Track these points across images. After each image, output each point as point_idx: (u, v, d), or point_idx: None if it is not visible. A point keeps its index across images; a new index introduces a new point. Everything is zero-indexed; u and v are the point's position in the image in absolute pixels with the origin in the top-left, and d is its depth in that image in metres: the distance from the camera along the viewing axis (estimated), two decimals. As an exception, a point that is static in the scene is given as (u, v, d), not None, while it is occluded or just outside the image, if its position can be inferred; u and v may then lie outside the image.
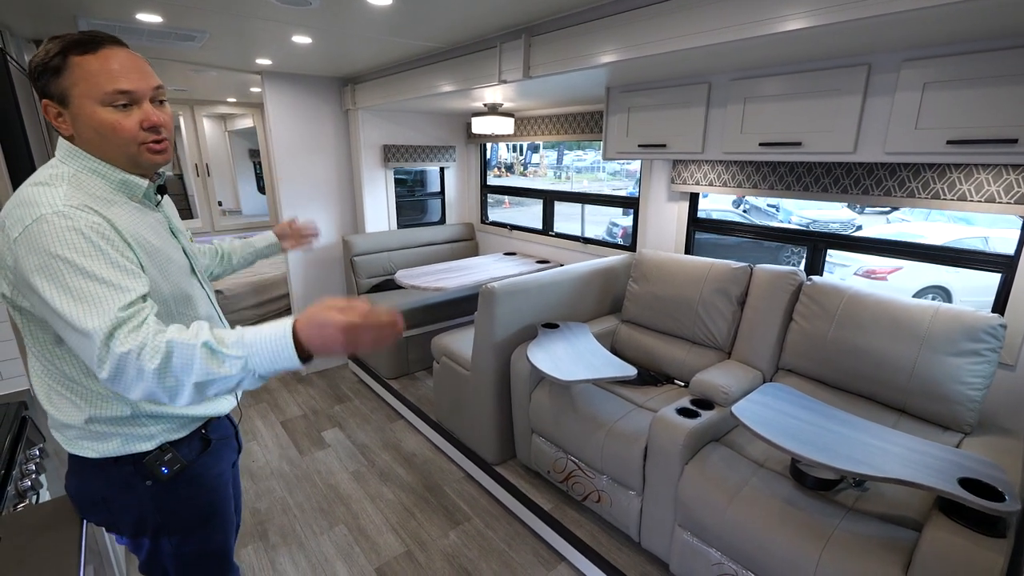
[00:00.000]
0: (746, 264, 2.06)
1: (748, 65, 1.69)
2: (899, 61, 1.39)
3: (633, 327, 2.38)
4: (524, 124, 3.22)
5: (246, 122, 5.39)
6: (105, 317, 0.75)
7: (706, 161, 2.26)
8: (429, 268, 3.10)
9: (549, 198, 3.37)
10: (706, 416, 1.63)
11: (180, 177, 4.97)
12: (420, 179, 3.94)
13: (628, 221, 9.26)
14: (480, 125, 2.90)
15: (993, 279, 1.67)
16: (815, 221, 9.24)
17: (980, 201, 1.55)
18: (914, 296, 1.75)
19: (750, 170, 2.11)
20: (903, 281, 5.85)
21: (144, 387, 0.75)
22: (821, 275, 2.08)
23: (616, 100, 2.15)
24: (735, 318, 2.04)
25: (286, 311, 3.59)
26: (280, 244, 1.47)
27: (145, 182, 0.93)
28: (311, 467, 2.53)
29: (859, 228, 9.43)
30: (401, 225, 3.71)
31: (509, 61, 1.98)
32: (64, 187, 0.83)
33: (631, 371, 1.75)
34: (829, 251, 2.18)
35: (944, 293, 5.89)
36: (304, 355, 0.78)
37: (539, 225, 3.49)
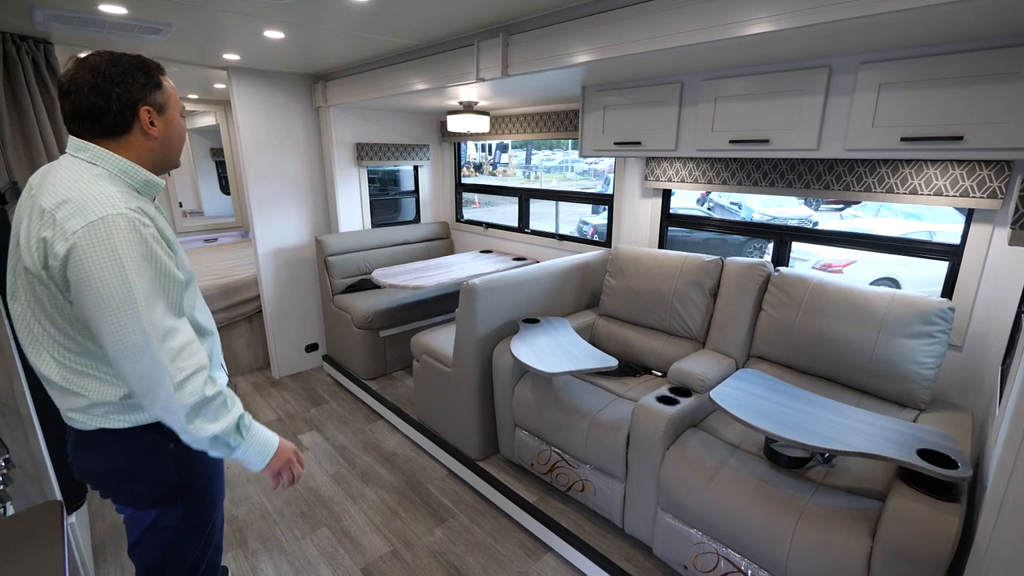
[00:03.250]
0: (717, 257, 2.15)
1: (718, 66, 1.76)
2: (857, 64, 1.48)
3: (611, 320, 2.44)
4: (499, 122, 3.25)
5: (208, 120, 5.21)
6: (169, 325, 0.91)
7: (678, 158, 2.34)
8: (406, 267, 3.08)
9: (524, 196, 3.41)
10: (685, 403, 1.70)
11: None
12: (393, 178, 3.91)
13: (598, 219, 9.42)
14: (456, 123, 2.90)
15: (939, 271, 1.80)
16: (775, 218, 9.64)
17: (929, 195, 1.67)
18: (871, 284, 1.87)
19: (719, 167, 2.20)
20: (857, 274, 6.18)
21: (186, 405, 0.91)
22: (788, 266, 2.18)
23: (592, 99, 2.20)
24: (708, 309, 2.12)
25: (256, 314, 3.50)
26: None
27: (162, 181, 1.05)
28: (289, 471, 2.48)
29: (815, 224, 9.90)
30: (375, 224, 3.67)
31: (487, 59, 2.00)
32: (113, 188, 0.92)
33: (612, 362, 1.80)
34: (791, 247, 2.30)
35: (895, 285, 6.26)
36: (263, 465, 1.04)
37: (514, 223, 3.52)
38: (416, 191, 3.86)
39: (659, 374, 2.20)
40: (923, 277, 5.98)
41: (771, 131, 1.68)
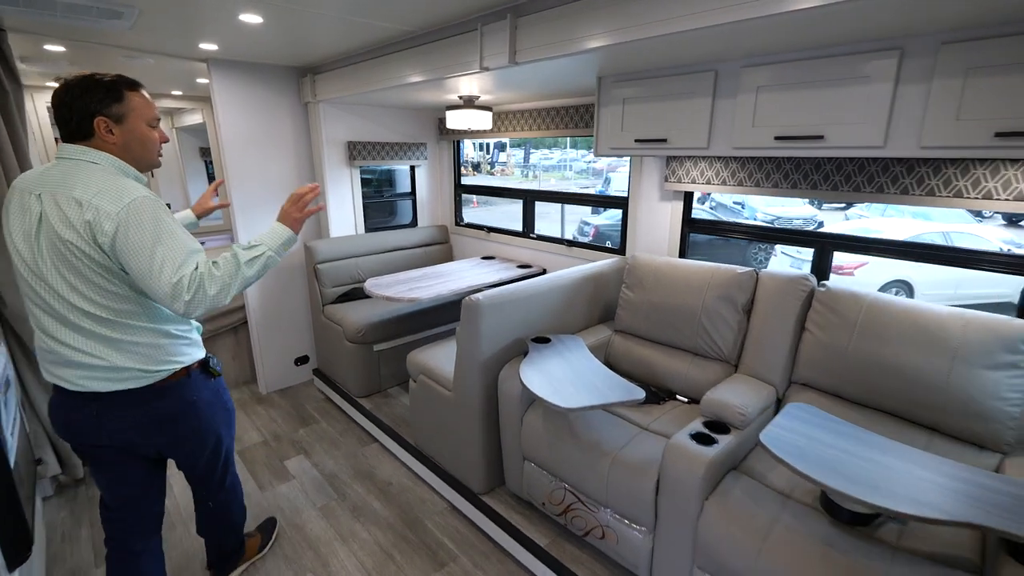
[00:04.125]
0: (751, 268, 1.91)
1: (761, 50, 1.52)
2: (938, 44, 1.24)
3: (628, 338, 2.20)
4: (503, 119, 3.00)
5: (195, 118, 4.96)
6: (191, 263, 1.17)
7: (703, 157, 2.10)
8: (401, 276, 2.84)
9: (529, 198, 3.17)
10: (724, 442, 1.46)
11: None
12: (388, 179, 3.67)
13: (600, 220, 9.17)
14: (455, 119, 2.66)
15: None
16: (779, 218, 9.39)
17: (1009, 199, 1.43)
18: (880, 290, 1.65)
19: (753, 167, 1.96)
20: (868, 276, 5.96)
21: (215, 283, 1.19)
22: (828, 279, 1.95)
23: (609, 91, 1.96)
24: (741, 328, 1.89)
25: (242, 325, 3.26)
26: (197, 222, 1.87)
27: (146, 177, 1.31)
28: (273, 504, 2.24)
29: (821, 224, 9.66)
30: (369, 229, 3.43)
31: (492, 45, 1.76)
32: (124, 181, 1.19)
33: (639, 394, 1.56)
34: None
35: (907, 287, 6.02)
36: (294, 230, 1.39)
37: (516, 226, 3.28)
38: (413, 193, 3.62)
39: (685, 400, 1.96)
40: (938, 279, 5.76)
41: (826, 126, 1.44)
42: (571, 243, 2.88)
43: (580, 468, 1.67)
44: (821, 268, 1.96)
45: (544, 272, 3.04)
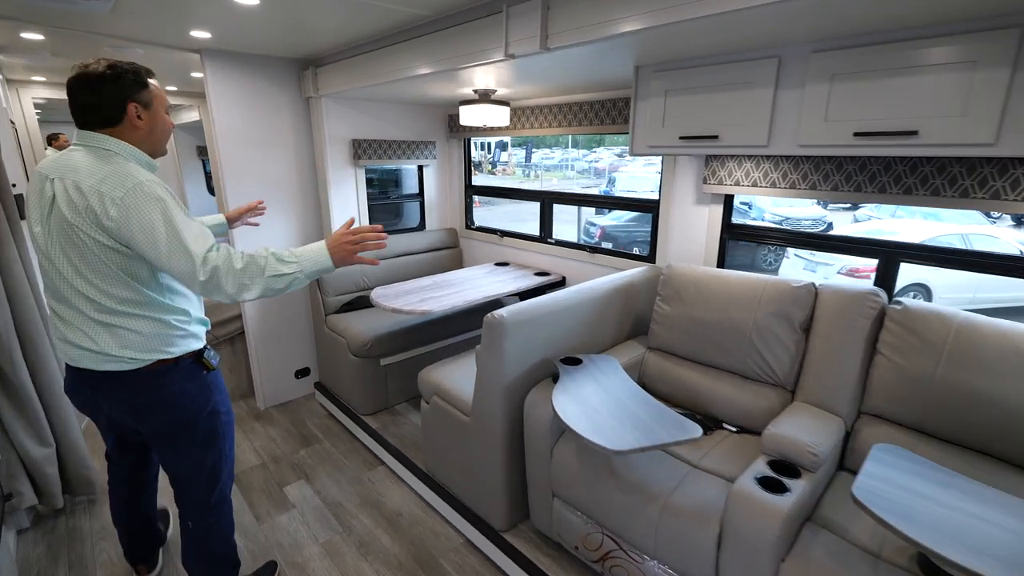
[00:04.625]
0: (808, 282, 1.70)
1: (837, 32, 1.31)
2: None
3: (665, 356, 1.99)
4: (521, 115, 2.78)
5: (192, 115, 4.75)
6: (204, 244, 1.19)
7: (749, 157, 1.88)
8: (410, 285, 2.63)
9: (547, 200, 2.95)
10: (798, 489, 1.25)
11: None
12: (394, 179, 3.45)
13: (606, 221, 8.96)
14: (469, 115, 2.45)
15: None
16: (787, 219, 9.17)
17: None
18: (898, 293, 1.45)
19: (807, 168, 1.75)
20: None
21: (233, 279, 1.19)
22: (891, 294, 1.73)
23: (649, 82, 1.75)
24: (799, 349, 1.67)
25: (239, 335, 3.05)
26: (227, 225, 1.92)
27: (156, 163, 1.32)
28: (271, 539, 2.03)
29: (830, 225, 9.44)
30: (375, 232, 3.21)
31: (520, 29, 1.55)
32: (133, 166, 1.21)
33: (695, 431, 1.35)
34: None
35: (925, 291, 5.81)
36: (335, 263, 1.32)
37: (521, 227, 3.07)
38: (421, 194, 3.41)
39: (733, 429, 1.75)
40: (957, 283, 5.55)
41: (921, 120, 1.22)
42: (593, 249, 2.66)
43: (623, 512, 1.46)
44: (886, 282, 1.75)
45: (564, 280, 2.83)
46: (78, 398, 1.38)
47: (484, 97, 2.44)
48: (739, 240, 2.13)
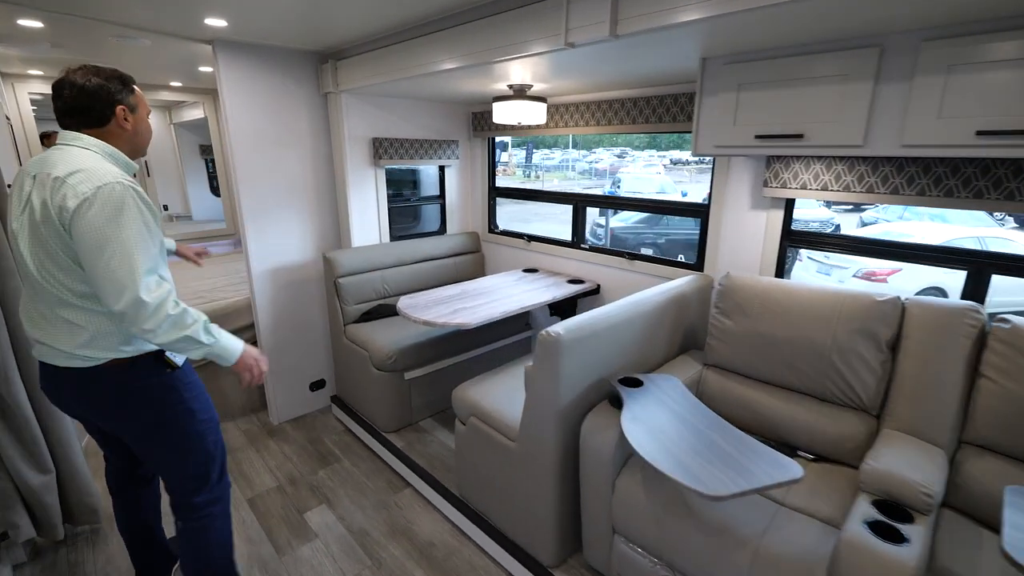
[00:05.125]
0: (893, 296, 1.55)
1: (957, 17, 1.15)
2: None
3: (725, 375, 1.83)
4: (558, 113, 2.60)
5: (195, 113, 4.57)
6: (153, 269, 1.18)
7: (819, 158, 1.73)
8: (437, 294, 2.46)
9: (580, 204, 2.79)
10: (918, 538, 1.09)
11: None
12: (412, 180, 3.28)
13: (615, 222, 8.79)
14: (503, 112, 2.29)
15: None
16: (796, 220, 9.01)
17: None
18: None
19: (888, 170, 1.59)
20: (902, 283, 5.62)
21: (155, 321, 1.15)
22: (983, 305, 1.58)
23: (718, 76, 1.59)
24: (885, 370, 1.52)
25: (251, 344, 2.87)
26: (173, 246, 1.94)
27: (135, 164, 1.36)
28: (294, 574, 1.86)
29: (838, 227, 9.31)
30: (393, 237, 3.04)
31: (584, 14, 1.38)
32: (110, 165, 1.22)
33: (795, 471, 1.19)
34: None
35: (941, 294, 5.69)
36: (234, 360, 1.33)
37: (522, 228, 2.91)
38: (442, 196, 3.24)
39: (810, 457, 1.59)
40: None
41: (1066, 115, 1.07)
42: (633, 255, 2.50)
43: (704, 557, 1.30)
44: (976, 297, 1.59)
45: (599, 289, 2.67)
46: (49, 395, 1.38)
47: (519, 93, 2.28)
48: (799, 247, 1.98)
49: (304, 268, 2.78)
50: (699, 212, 2.22)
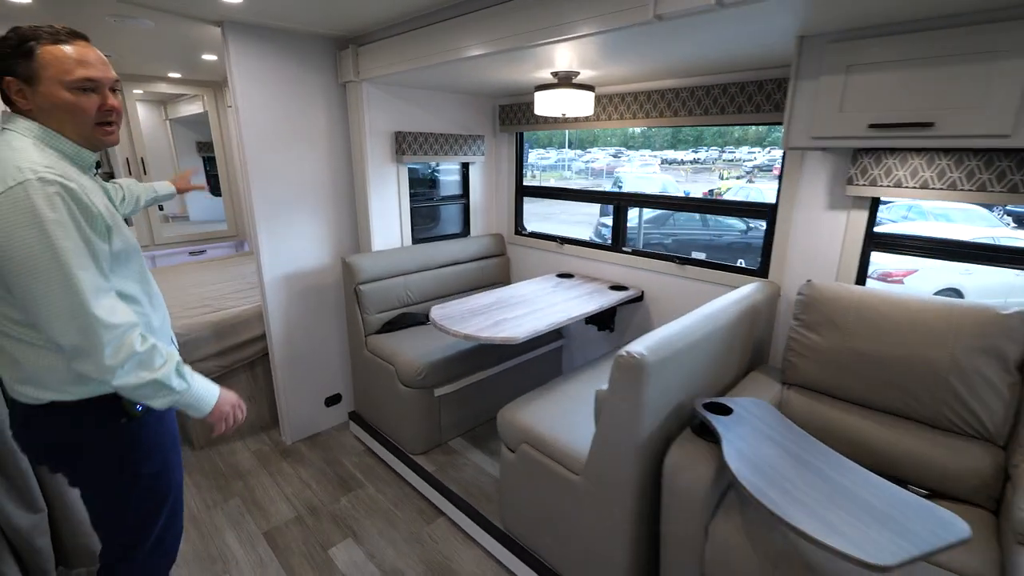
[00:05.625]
0: (1020, 308, 1.35)
1: None
2: None
3: (813, 396, 1.63)
4: (606, 104, 2.36)
5: (192, 108, 4.32)
6: (97, 283, 0.95)
7: (919, 151, 1.53)
8: (471, 303, 2.24)
9: (622, 204, 2.58)
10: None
11: (110, 175, 3.86)
12: (431, 179, 3.06)
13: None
14: (547, 103, 2.07)
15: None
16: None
17: None
18: None
19: (1006, 165, 1.39)
20: (918, 284, 5.48)
21: (115, 359, 0.95)
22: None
23: (821, 56, 1.38)
24: (1014, 394, 1.32)
25: (261, 359, 2.64)
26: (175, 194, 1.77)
27: (92, 156, 1.07)
28: (324, 625, 1.64)
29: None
30: (414, 239, 2.82)
31: (681, -21, 1.17)
32: (37, 154, 0.94)
33: (963, 530, 0.98)
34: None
35: (957, 295, 5.55)
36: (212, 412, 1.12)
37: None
38: (465, 195, 3.02)
39: (923, 492, 1.39)
40: (989, 287, 5.30)
41: None
42: (683, 260, 2.30)
43: (831, 624, 1.09)
44: (1110, 307, 1.40)
45: (643, 296, 2.47)
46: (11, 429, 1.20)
47: (565, 81, 2.06)
48: (885, 252, 1.78)
49: (320, 274, 2.55)
50: (764, 213, 2.02)
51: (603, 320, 2.55)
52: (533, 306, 2.19)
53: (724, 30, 1.37)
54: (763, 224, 2.02)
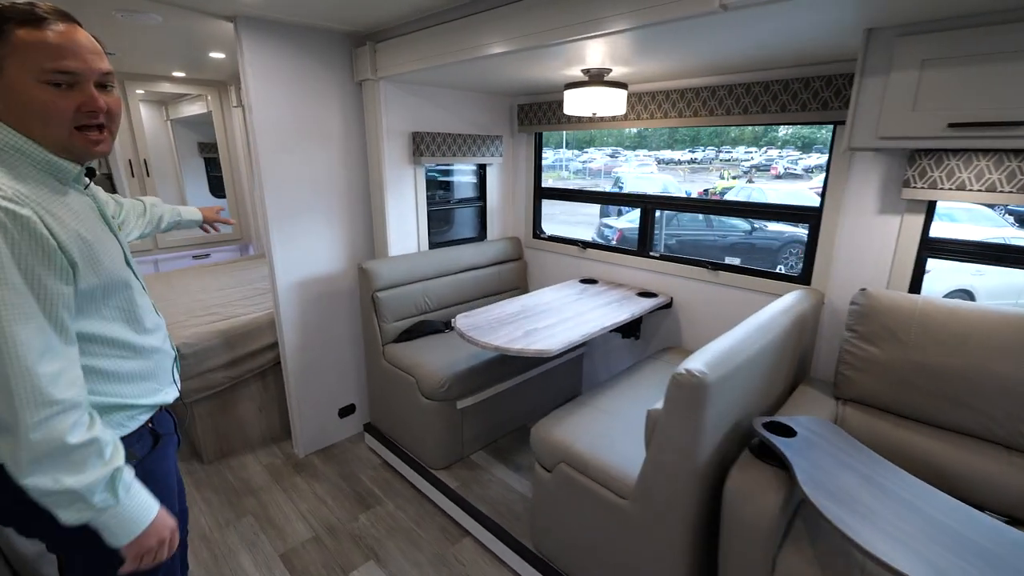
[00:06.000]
0: (1104, 321, 1.26)
1: None
2: None
3: (872, 413, 1.53)
4: (639, 103, 2.25)
5: (194, 108, 4.21)
6: (41, 344, 0.76)
7: (987, 152, 1.43)
8: (496, 312, 2.14)
9: (650, 207, 2.48)
10: None
11: (109, 177, 3.74)
12: (445, 181, 2.95)
13: (621, 223, 8.51)
14: (577, 101, 1.98)
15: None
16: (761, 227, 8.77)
17: None
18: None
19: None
20: (929, 285, 5.41)
21: (32, 450, 0.75)
22: None
23: (891, 50, 1.29)
24: (1102, 413, 1.23)
25: (272, 368, 2.53)
26: (202, 222, 1.62)
27: (75, 167, 0.88)
28: (350, 659, 1.53)
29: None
30: (430, 244, 2.71)
31: (751, -35, 1.08)
32: None
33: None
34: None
35: (969, 297, 5.48)
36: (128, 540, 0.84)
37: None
38: (482, 197, 2.92)
39: (1003, 519, 1.30)
40: (1000, 288, 5.24)
41: None
42: (716, 265, 2.20)
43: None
44: None
45: (671, 303, 2.37)
46: None
47: (596, 79, 1.96)
48: (942, 258, 1.69)
49: (334, 280, 2.44)
50: (807, 217, 1.92)
51: (628, 327, 2.45)
52: (561, 315, 2.09)
53: (786, 21, 1.28)
54: (767, 225, 1.93)
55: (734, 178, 15.28)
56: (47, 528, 0.87)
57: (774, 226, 7.67)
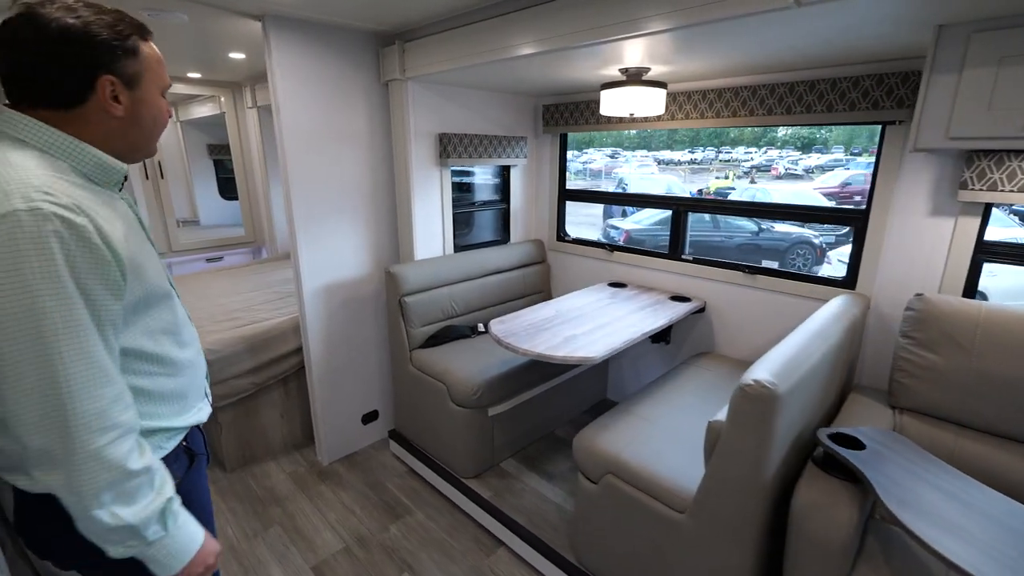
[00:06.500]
0: None
1: None
2: None
3: (933, 423, 1.48)
4: (678, 102, 2.20)
5: (205, 109, 4.16)
6: (97, 371, 0.71)
7: (1052, 154, 1.39)
8: (530, 317, 2.09)
9: (681, 209, 2.43)
10: None
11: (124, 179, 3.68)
12: (467, 183, 2.91)
13: (628, 224, 8.46)
14: (613, 101, 1.93)
15: None
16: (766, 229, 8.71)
17: None
18: None
19: None
20: None
21: (95, 480, 0.70)
22: None
23: (964, 48, 1.24)
24: None
25: (295, 373, 2.48)
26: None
27: (124, 168, 0.84)
28: None
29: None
30: (455, 247, 2.66)
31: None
32: (40, 171, 0.70)
33: None
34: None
35: (981, 298, 5.42)
36: (176, 571, 0.80)
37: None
38: (506, 199, 2.87)
39: (1078, 535, 1.25)
40: (1012, 289, 5.20)
41: None
42: (752, 269, 2.15)
43: None
44: None
45: (705, 307, 2.32)
46: None
47: (634, 78, 1.92)
48: (998, 262, 1.64)
49: (359, 284, 2.39)
50: (852, 219, 1.87)
51: (659, 332, 2.40)
52: (597, 320, 2.04)
53: (854, 16, 1.23)
54: (773, 226, 1.88)
55: (737, 179, 15.25)
56: (88, 561, 0.82)
57: (781, 227, 7.63)
